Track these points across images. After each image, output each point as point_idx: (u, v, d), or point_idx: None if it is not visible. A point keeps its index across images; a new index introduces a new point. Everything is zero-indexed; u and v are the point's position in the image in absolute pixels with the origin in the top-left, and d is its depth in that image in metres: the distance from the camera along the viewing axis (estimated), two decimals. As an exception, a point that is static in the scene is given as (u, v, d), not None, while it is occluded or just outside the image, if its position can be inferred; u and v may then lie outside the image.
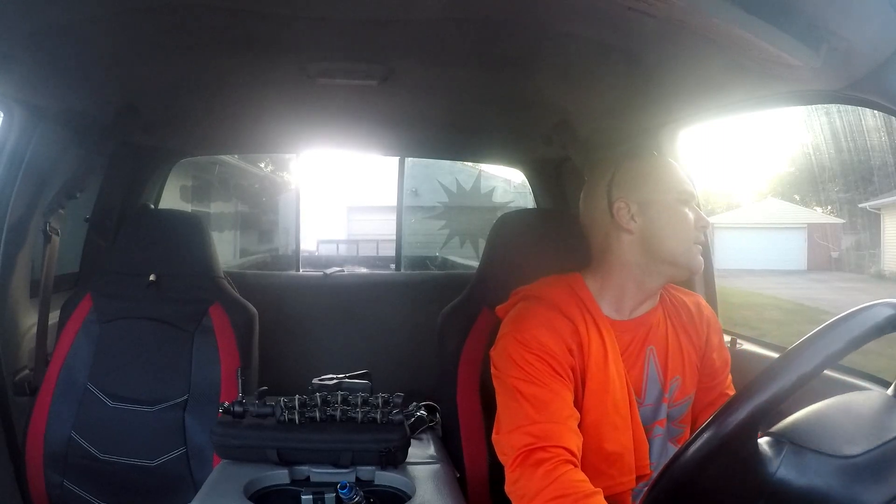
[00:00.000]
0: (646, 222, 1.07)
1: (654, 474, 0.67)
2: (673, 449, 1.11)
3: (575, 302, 1.08)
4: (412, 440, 1.23)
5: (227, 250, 7.29)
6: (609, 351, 1.05)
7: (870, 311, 0.58)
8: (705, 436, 0.61)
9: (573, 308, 1.07)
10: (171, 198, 2.23)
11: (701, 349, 1.15)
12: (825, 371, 1.14)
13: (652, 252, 1.07)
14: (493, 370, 1.08)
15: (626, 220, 1.07)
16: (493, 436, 1.03)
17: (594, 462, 1.04)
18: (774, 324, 6.25)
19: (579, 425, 1.03)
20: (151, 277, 1.51)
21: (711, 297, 1.51)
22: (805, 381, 0.58)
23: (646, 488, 0.67)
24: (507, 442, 0.99)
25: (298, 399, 1.20)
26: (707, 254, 1.56)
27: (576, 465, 0.95)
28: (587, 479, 0.93)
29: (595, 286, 1.11)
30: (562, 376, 1.02)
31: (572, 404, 1.02)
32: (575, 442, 0.97)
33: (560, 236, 1.44)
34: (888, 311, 0.58)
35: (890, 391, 0.67)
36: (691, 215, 1.07)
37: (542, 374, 1.01)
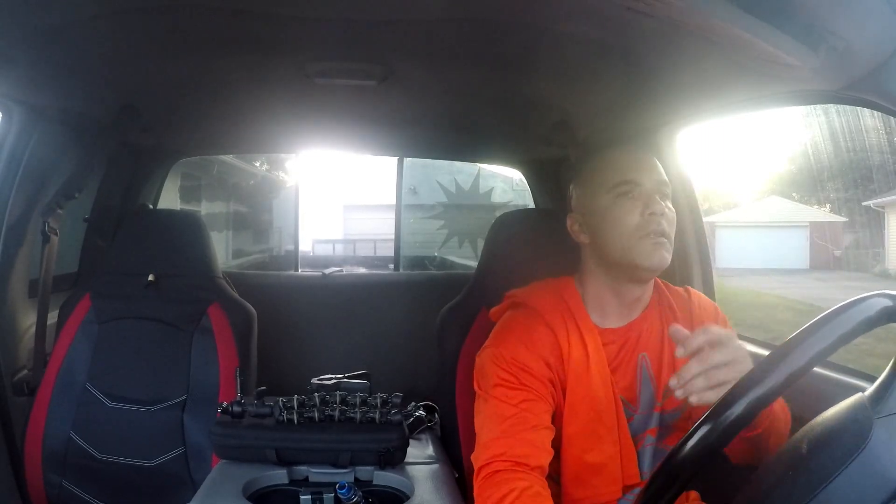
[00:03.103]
0: (591, 232, 1.07)
1: (652, 473, 0.67)
2: None
3: (560, 310, 1.08)
4: (411, 440, 1.23)
5: (220, 251, 7.24)
6: (592, 360, 1.04)
7: (864, 303, 0.59)
8: (700, 433, 0.61)
9: (557, 317, 1.07)
10: (163, 195, 2.22)
11: None
12: (825, 372, 1.16)
13: (604, 259, 1.06)
14: (474, 381, 1.09)
15: (577, 233, 1.10)
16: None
17: (577, 472, 1.04)
18: (788, 325, 6.22)
19: (560, 436, 1.03)
20: (150, 277, 1.51)
21: (709, 297, 1.51)
22: (802, 373, 0.58)
23: (642, 487, 0.67)
24: (475, 455, 1.00)
25: (297, 399, 1.20)
26: (705, 254, 1.56)
27: (535, 480, 0.95)
28: (544, 493, 0.93)
29: (582, 293, 1.11)
30: (537, 392, 1.02)
31: (546, 420, 1.01)
32: (538, 457, 0.97)
33: (559, 236, 1.44)
34: (883, 303, 0.59)
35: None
36: (635, 207, 1.01)
37: (515, 392, 1.01)
